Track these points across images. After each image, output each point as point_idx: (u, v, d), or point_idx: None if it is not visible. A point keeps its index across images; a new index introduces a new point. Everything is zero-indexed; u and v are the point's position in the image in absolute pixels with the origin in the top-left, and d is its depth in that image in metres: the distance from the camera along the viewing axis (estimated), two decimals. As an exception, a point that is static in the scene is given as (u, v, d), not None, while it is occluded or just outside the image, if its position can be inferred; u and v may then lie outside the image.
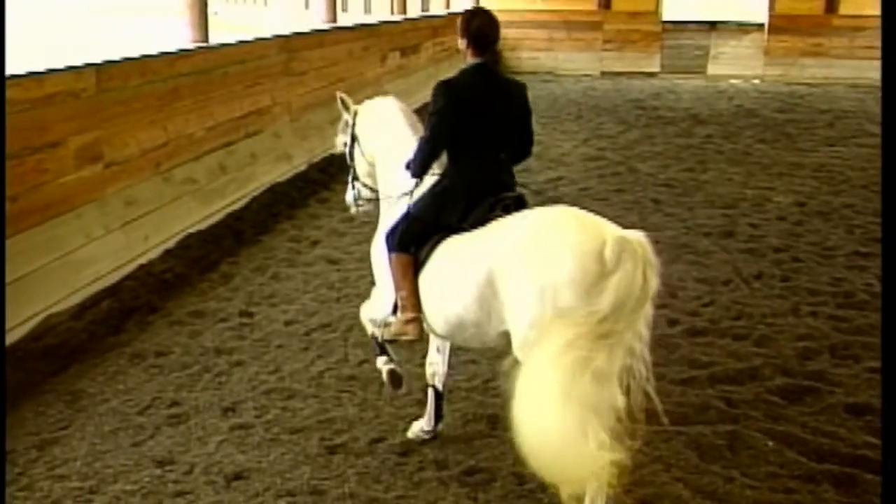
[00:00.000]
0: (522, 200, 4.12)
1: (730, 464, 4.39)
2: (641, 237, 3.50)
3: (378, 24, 15.53)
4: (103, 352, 5.65)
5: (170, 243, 7.39)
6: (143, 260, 6.97)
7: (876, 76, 14.43)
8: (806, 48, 19.90)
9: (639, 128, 14.01)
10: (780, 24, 20.07)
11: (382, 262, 4.32)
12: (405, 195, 4.32)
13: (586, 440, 3.34)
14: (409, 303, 4.12)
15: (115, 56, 7.45)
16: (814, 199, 9.52)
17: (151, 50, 8.14)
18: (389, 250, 4.19)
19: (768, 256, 7.60)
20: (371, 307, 4.55)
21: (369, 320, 4.60)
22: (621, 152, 12.02)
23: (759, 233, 8.30)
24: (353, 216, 5.49)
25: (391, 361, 4.61)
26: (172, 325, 6.08)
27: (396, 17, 17.30)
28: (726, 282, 6.97)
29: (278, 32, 11.31)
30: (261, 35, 10.81)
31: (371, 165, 4.75)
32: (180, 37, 8.89)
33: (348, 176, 4.98)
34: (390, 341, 4.52)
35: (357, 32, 13.77)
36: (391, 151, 4.50)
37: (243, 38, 10.44)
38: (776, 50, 20.22)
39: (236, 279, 6.98)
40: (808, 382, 5.24)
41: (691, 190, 9.92)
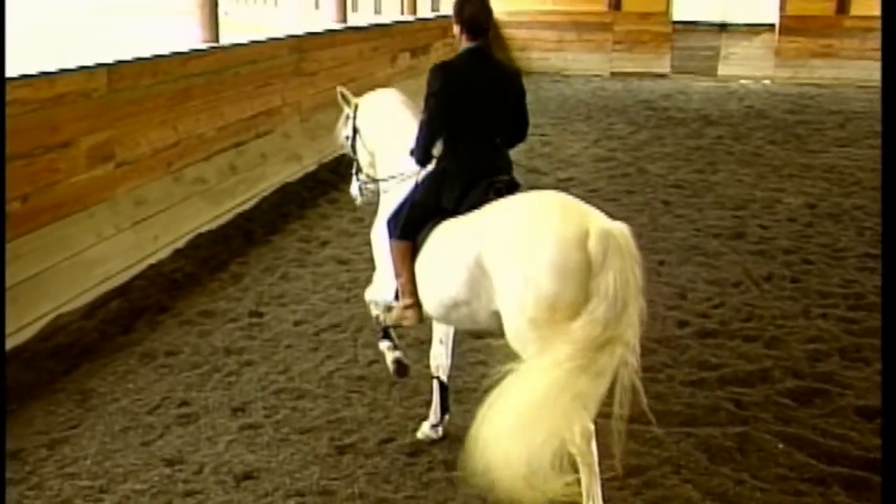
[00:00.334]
0: (516, 184, 4.21)
1: (739, 466, 4.38)
2: (624, 229, 3.55)
3: (388, 25, 15.54)
4: (113, 351, 5.67)
5: (180, 243, 7.41)
6: (153, 259, 7.00)
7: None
8: (817, 49, 19.82)
9: (649, 129, 13.98)
10: (791, 25, 19.99)
11: (383, 247, 4.42)
12: (405, 181, 4.43)
13: (570, 427, 3.45)
14: (407, 289, 4.23)
15: (127, 56, 7.48)
16: (824, 201, 9.49)
17: (162, 50, 8.16)
18: (390, 236, 4.29)
19: (778, 258, 7.58)
20: (374, 290, 4.67)
21: (372, 303, 4.71)
22: (631, 153, 12.00)
23: (769, 234, 8.28)
24: (362, 218, 5.55)
25: (395, 348, 4.76)
26: (182, 325, 6.09)
27: (407, 18, 17.30)
28: (736, 283, 6.95)
29: (289, 33, 11.33)
30: (271, 35, 10.83)
31: (372, 156, 4.88)
32: (191, 37, 8.91)
33: (352, 168, 5.10)
34: (392, 326, 4.65)
35: (367, 33, 13.79)
36: (391, 142, 4.62)
37: (254, 38, 10.46)
38: (787, 51, 20.14)
39: (246, 279, 6.99)
40: (818, 384, 5.22)
41: (701, 191, 9.90)
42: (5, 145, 5.23)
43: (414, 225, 4.18)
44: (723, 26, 21.28)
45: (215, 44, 8.92)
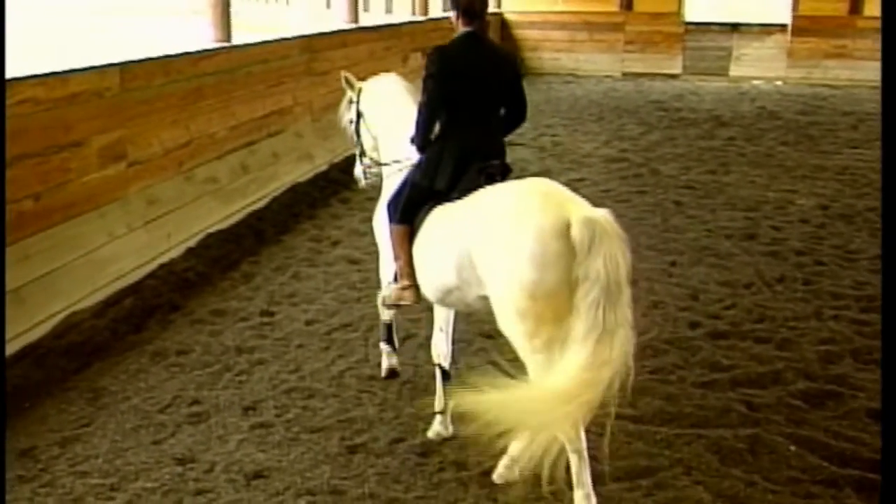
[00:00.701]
0: (508, 168, 4.34)
1: (751, 468, 4.37)
2: (607, 215, 3.64)
3: (400, 25, 15.55)
4: (125, 350, 5.69)
5: (191, 242, 7.43)
6: (164, 259, 7.01)
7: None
8: (829, 50, 19.74)
9: (660, 129, 13.95)
10: (804, 26, 19.92)
11: (384, 231, 4.62)
12: (405, 164, 4.59)
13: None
14: (405, 271, 4.43)
15: (139, 56, 7.50)
16: (837, 202, 9.46)
17: (175, 49, 8.18)
18: (389, 220, 4.47)
19: (790, 259, 7.55)
20: (382, 273, 4.88)
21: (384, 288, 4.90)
22: (643, 154, 11.98)
23: (781, 235, 8.25)
24: (371, 219, 5.56)
25: (394, 353, 5.17)
26: (194, 324, 6.11)
27: (418, 18, 17.30)
28: (748, 285, 6.93)
29: (300, 32, 11.34)
30: (283, 35, 10.84)
31: (375, 140, 5.04)
32: (203, 36, 8.92)
33: (356, 150, 5.31)
34: (392, 306, 4.85)
35: (379, 33, 13.79)
36: (394, 127, 4.78)
37: (266, 37, 10.47)
38: (799, 51, 20.06)
39: (257, 278, 7.00)
40: (830, 386, 5.20)
41: (713, 192, 9.87)
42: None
43: (411, 208, 4.34)
44: (735, 27, 21.22)
45: (227, 43, 8.94)
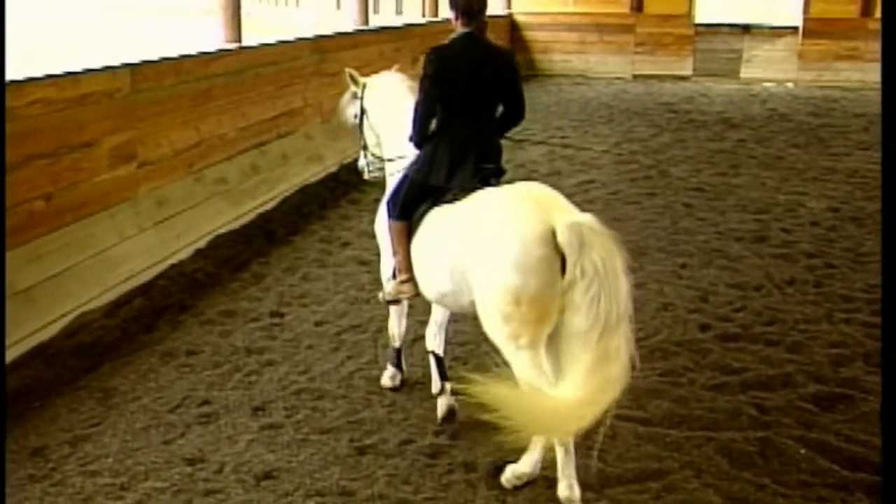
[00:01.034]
0: (501, 171, 4.44)
1: (761, 471, 4.35)
2: (592, 218, 3.72)
3: (410, 26, 15.55)
4: (135, 350, 5.70)
5: (201, 243, 7.44)
6: (174, 259, 7.03)
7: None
8: (840, 52, 19.69)
9: (671, 131, 13.93)
10: (815, 28, 19.87)
11: (385, 229, 4.72)
12: (404, 162, 4.70)
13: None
14: (403, 266, 4.54)
15: (150, 56, 7.52)
16: (848, 205, 9.43)
17: (185, 50, 8.20)
18: (388, 217, 4.57)
19: (801, 262, 7.53)
20: (382, 271, 4.97)
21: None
22: (653, 156, 11.96)
23: (791, 238, 8.23)
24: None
25: (398, 375, 5.20)
26: (203, 325, 6.12)
27: (428, 19, 17.30)
28: (758, 287, 6.91)
29: (311, 34, 11.35)
30: (293, 36, 10.86)
31: (378, 137, 5.14)
32: (214, 37, 8.94)
33: (360, 143, 5.42)
34: (391, 301, 4.93)
35: (389, 34, 13.80)
36: (396, 125, 4.86)
37: (276, 39, 10.49)
38: (810, 53, 20.02)
39: (267, 279, 7.01)
40: (841, 390, 5.18)
41: (723, 194, 9.85)
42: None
43: (409, 204, 4.44)
44: (746, 28, 21.18)
45: (238, 45, 8.96)
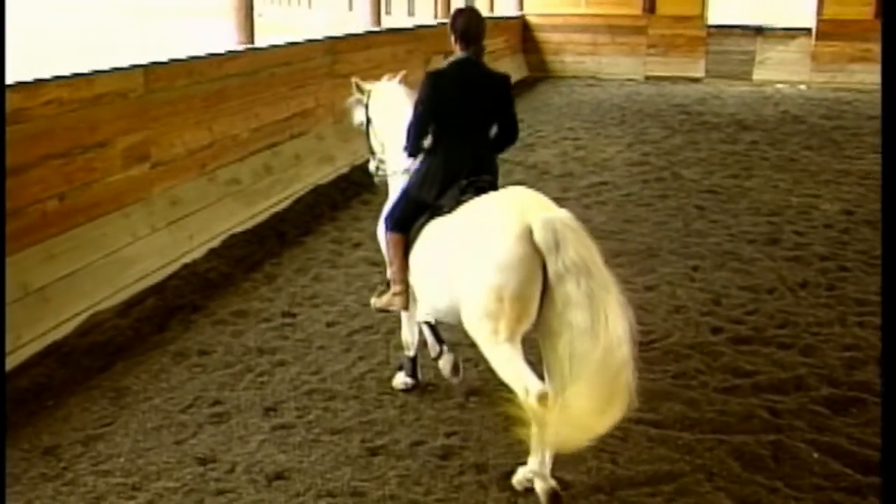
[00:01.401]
0: (494, 185, 4.54)
1: (773, 474, 4.33)
2: (566, 214, 3.86)
3: (422, 27, 15.56)
4: (147, 349, 5.71)
5: (214, 243, 7.46)
6: (187, 259, 7.05)
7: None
8: (854, 54, 19.60)
9: (683, 133, 13.90)
10: (828, 29, 19.80)
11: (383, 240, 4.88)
12: (404, 172, 4.85)
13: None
14: (398, 277, 4.70)
15: (163, 57, 7.55)
16: (861, 207, 9.38)
17: (198, 51, 8.22)
18: (386, 229, 4.73)
19: (814, 265, 7.50)
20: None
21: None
22: (665, 158, 11.94)
23: (804, 241, 8.19)
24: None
25: (413, 377, 5.17)
26: (215, 325, 6.13)
27: (440, 20, 17.31)
28: (771, 290, 6.88)
29: (323, 35, 11.37)
30: (306, 37, 10.88)
31: (383, 146, 5.26)
32: (226, 38, 8.97)
33: (368, 149, 5.55)
34: (381, 310, 5.09)
35: (401, 35, 13.82)
36: (398, 137, 4.91)
37: (289, 40, 10.51)
38: (823, 55, 19.95)
39: (279, 280, 7.02)
40: (854, 393, 5.16)
41: (736, 196, 9.82)
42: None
43: (405, 220, 4.59)
44: (758, 30, 21.13)
45: (250, 45, 8.98)
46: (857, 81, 19.42)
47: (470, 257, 3.97)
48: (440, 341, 4.93)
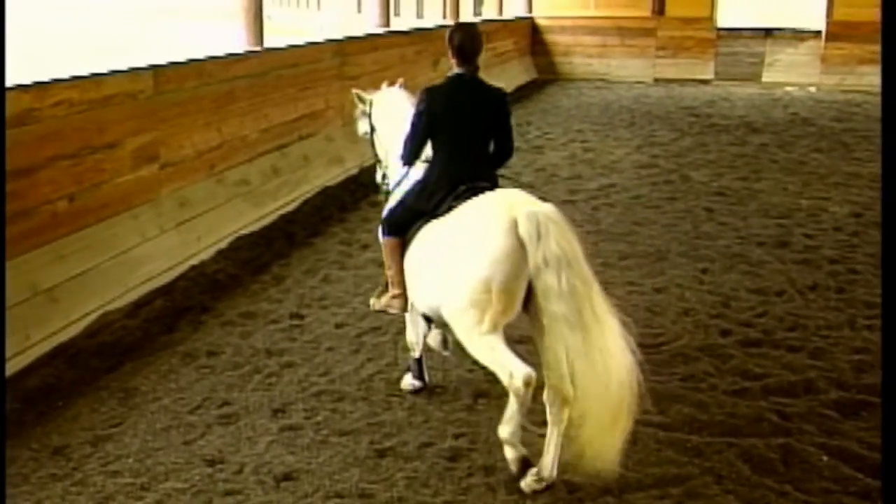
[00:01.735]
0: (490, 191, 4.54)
1: (783, 478, 4.32)
2: (550, 208, 3.97)
3: (431, 29, 15.56)
4: (156, 350, 5.72)
5: (222, 244, 7.48)
6: (195, 260, 7.07)
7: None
8: (864, 56, 19.50)
9: (692, 135, 13.87)
10: (838, 31, 19.73)
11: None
12: (403, 181, 4.95)
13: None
14: (395, 280, 4.79)
15: (172, 59, 7.56)
16: (871, 210, 9.34)
17: (207, 53, 8.24)
18: (383, 234, 4.81)
19: (824, 268, 7.47)
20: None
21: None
22: (674, 160, 11.92)
23: (814, 243, 8.17)
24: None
25: (421, 379, 5.19)
26: (224, 326, 6.13)
27: (449, 22, 17.30)
28: (780, 292, 6.86)
29: (332, 36, 11.38)
30: (314, 39, 10.89)
31: (386, 155, 5.32)
32: (236, 40, 8.98)
33: (374, 158, 5.63)
34: (379, 311, 5.18)
35: (410, 37, 13.82)
36: (398, 142, 4.94)
37: (297, 41, 10.53)
38: (833, 57, 19.88)
39: (287, 281, 7.02)
40: (863, 396, 5.14)
41: (745, 199, 9.79)
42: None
43: (402, 225, 4.68)
44: (768, 32, 21.09)
45: (259, 47, 8.99)
46: (867, 84, 19.31)
47: (459, 250, 4.11)
48: (429, 321, 5.01)
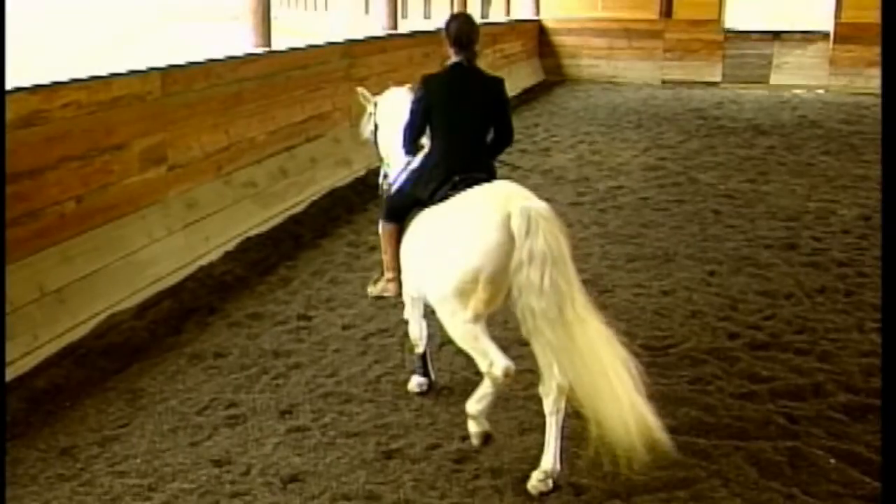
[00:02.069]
0: (486, 181, 4.57)
1: (790, 481, 4.30)
2: (543, 205, 4.02)
3: (438, 31, 15.56)
4: (163, 351, 5.73)
5: (230, 245, 7.48)
6: (203, 262, 7.07)
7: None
8: (873, 58, 19.40)
9: (700, 138, 13.85)
10: (846, 33, 19.68)
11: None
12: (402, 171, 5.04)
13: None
14: (391, 265, 4.90)
15: (180, 60, 7.57)
16: (880, 213, 9.31)
17: (215, 54, 8.25)
18: (381, 219, 4.91)
19: (832, 270, 7.45)
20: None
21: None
22: (682, 162, 11.90)
23: (822, 246, 8.14)
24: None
25: (427, 381, 5.21)
26: (231, 327, 6.14)
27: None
28: (788, 295, 6.84)
29: (340, 38, 11.39)
30: (322, 40, 10.90)
31: (388, 154, 5.39)
32: (243, 42, 8.99)
33: (378, 158, 5.69)
34: (377, 297, 5.34)
35: (417, 38, 13.81)
36: (398, 138, 5.02)
37: (305, 43, 10.53)
38: (841, 59, 19.83)
39: (295, 282, 7.03)
40: (871, 400, 5.11)
41: (753, 201, 9.77)
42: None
43: (400, 211, 4.77)
44: (776, 34, 21.04)
45: (267, 49, 9.00)
46: (876, 86, 19.21)
47: (453, 239, 4.17)
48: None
